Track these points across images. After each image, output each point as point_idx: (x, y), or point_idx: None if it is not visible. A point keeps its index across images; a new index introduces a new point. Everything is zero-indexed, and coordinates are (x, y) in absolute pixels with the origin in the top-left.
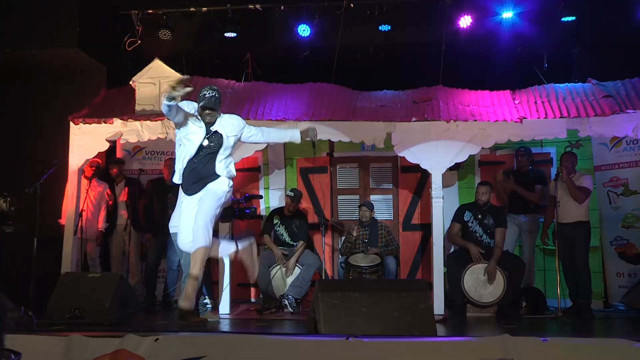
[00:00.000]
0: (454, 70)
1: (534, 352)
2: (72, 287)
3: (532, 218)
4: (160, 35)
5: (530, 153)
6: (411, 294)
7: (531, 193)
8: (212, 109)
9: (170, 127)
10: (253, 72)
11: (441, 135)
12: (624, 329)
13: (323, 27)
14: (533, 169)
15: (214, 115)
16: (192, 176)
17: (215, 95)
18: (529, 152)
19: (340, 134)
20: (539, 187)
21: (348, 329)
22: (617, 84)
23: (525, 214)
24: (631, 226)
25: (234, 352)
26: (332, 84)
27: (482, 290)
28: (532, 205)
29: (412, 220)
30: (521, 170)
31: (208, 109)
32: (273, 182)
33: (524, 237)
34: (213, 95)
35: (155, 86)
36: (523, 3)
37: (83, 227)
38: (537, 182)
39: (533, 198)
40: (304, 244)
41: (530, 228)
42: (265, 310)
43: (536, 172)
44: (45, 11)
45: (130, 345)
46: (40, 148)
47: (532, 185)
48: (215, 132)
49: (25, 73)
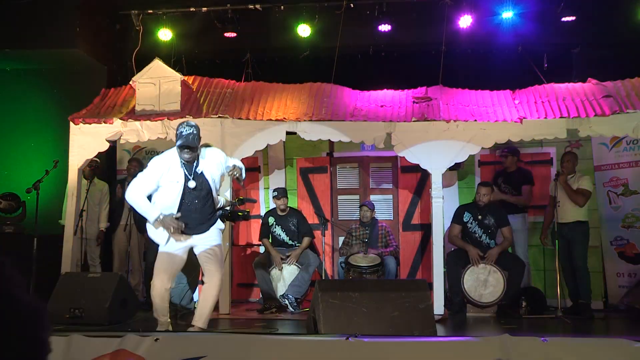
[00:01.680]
0: (454, 70)
1: (534, 352)
2: (72, 287)
3: (522, 217)
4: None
5: (516, 152)
6: (411, 294)
7: (517, 197)
8: (190, 148)
9: (170, 127)
10: (253, 72)
11: (441, 135)
12: (624, 329)
13: (323, 27)
14: (520, 169)
15: (193, 154)
16: (195, 218)
17: (193, 132)
18: (514, 152)
19: (340, 134)
20: (527, 187)
21: (348, 329)
22: (617, 84)
23: (514, 214)
24: (631, 226)
25: (234, 352)
26: (332, 84)
27: (482, 290)
28: (520, 205)
29: (412, 220)
30: (507, 170)
31: (186, 148)
32: (273, 182)
33: (515, 237)
34: (191, 132)
35: (155, 86)
36: (523, 3)
37: (83, 227)
38: (524, 182)
39: (520, 201)
40: (310, 239)
41: (520, 227)
42: (266, 310)
43: (523, 172)
44: (45, 11)
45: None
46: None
47: (519, 185)
48: (200, 173)
49: (25, 73)
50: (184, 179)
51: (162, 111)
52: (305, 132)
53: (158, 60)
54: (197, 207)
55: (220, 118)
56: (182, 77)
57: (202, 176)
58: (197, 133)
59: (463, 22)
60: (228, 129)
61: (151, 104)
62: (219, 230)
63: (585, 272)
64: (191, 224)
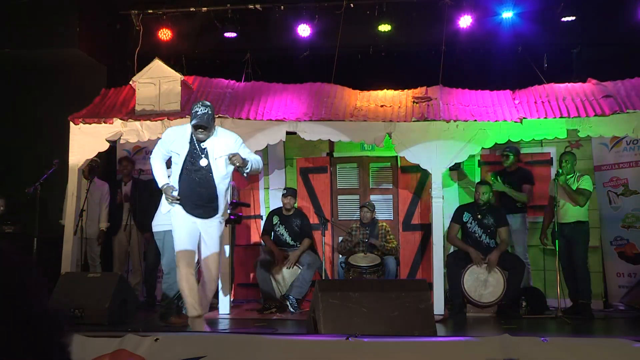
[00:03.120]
0: (454, 70)
1: (534, 352)
2: (72, 287)
3: (521, 217)
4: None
5: (517, 152)
6: (411, 294)
7: (520, 193)
8: (204, 127)
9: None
10: (253, 72)
11: (441, 135)
12: (624, 329)
13: (323, 27)
14: (520, 169)
15: (207, 133)
16: (193, 196)
17: (208, 112)
18: (515, 152)
19: (340, 134)
20: (527, 186)
21: (348, 329)
22: (617, 84)
23: (513, 214)
24: (631, 226)
25: (234, 352)
26: (332, 84)
27: (482, 290)
28: (520, 204)
29: (412, 220)
30: (508, 170)
31: (200, 127)
32: (273, 182)
33: (514, 236)
34: (205, 112)
35: (155, 86)
36: (523, 3)
37: (83, 227)
38: (524, 181)
39: (522, 198)
40: (310, 241)
41: (519, 227)
42: (266, 310)
43: (524, 171)
44: (45, 11)
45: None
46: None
47: (519, 184)
48: (204, 149)
49: (25, 73)
50: (186, 152)
51: (162, 111)
52: (305, 132)
53: (158, 60)
54: (195, 184)
55: (220, 118)
56: (182, 77)
57: (206, 153)
58: (211, 113)
59: (463, 22)
60: (228, 129)
61: (151, 104)
62: (219, 222)
63: (586, 272)
64: (187, 200)
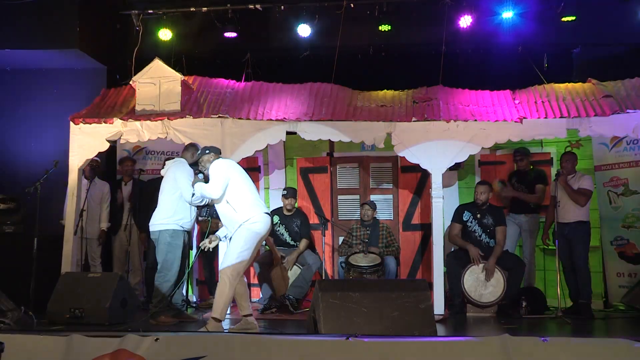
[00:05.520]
0: (454, 70)
1: (534, 352)
2: (72, 287)
3: (533, 218)
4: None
5: (529, 153)
6: (411, 294)
7: (531, 195)
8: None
9: (170, 127)
10: (253, 72)
11: (441, 135)
12: (624, 329)
13: (323, 27)
14: (534, 169)
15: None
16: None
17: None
18: (526, 153)
19: (340, 134)
20: (540, 186)
21: (348, 329)
22: (617, 84)
23: (525, 214)
24: (631, 226)
25: (234, 352)
26: (332, 84)
27: (482, 290)
28: (533, 205)
29: (412, 220)
30: (522, 171)
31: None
32: (273, 182)
33: (524, 236)
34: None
35: (155, 86)
36: (523, 3)
37: (84, 227)
38: (538, 181)
39: (533, 199)
40: (308, 242)
41: (531, 228)
42: (266, 310)
43: (537, 171)
44: (45, 11)
45: (130, 345)
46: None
47: (533, 185)
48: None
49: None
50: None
51: (162, 111)
52: (305, 132)
53: (158, 60)
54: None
55: (220, 118)
56: (182, 77)
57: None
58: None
59: (463, 22)
60: (228, 129)
61: (151, 104)
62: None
63: (586, 272)
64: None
